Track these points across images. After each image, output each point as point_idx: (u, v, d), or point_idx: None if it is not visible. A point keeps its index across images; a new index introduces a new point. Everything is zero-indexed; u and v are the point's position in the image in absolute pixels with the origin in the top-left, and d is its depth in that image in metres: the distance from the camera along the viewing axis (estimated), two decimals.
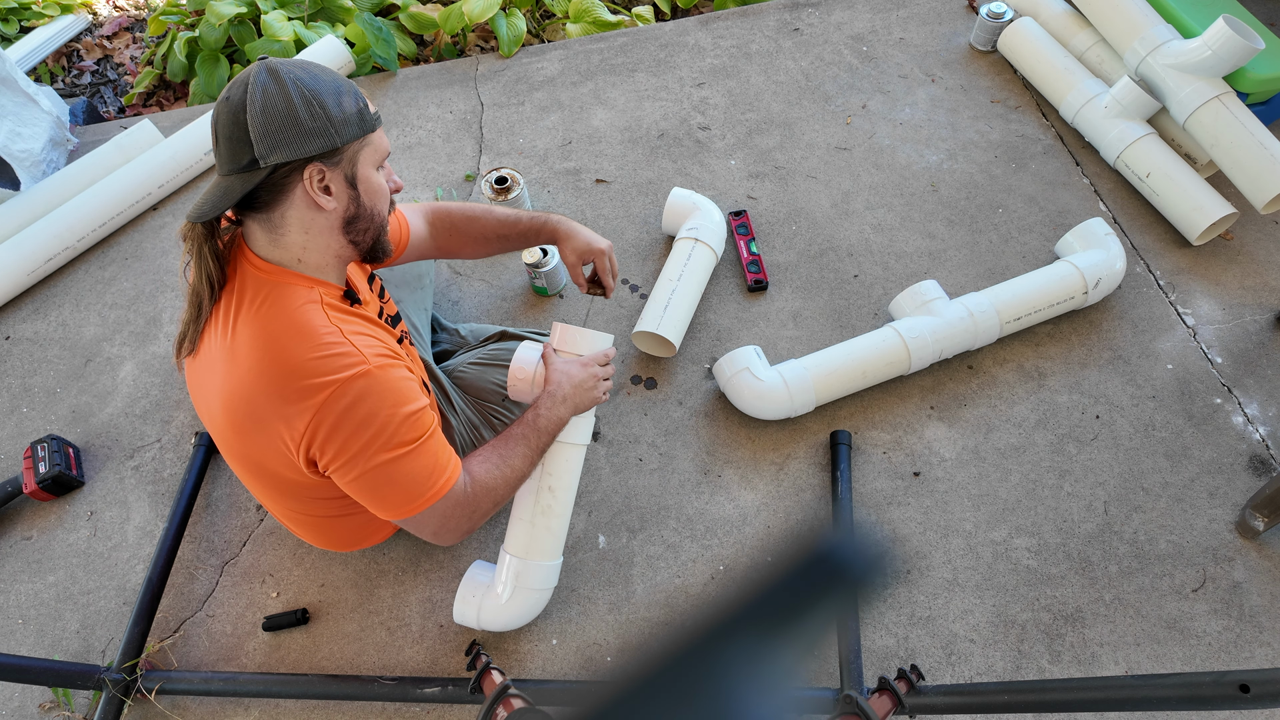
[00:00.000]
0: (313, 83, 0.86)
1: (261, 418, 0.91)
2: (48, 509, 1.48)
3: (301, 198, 0.89)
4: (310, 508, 1.11)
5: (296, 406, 0.88)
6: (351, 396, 0.88)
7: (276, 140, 0.84)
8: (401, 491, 0.95)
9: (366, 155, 0.92)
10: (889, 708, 1.00)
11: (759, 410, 1.41)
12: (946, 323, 1.44)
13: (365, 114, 0.90)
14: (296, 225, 0.91)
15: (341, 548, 1.26)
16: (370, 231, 0.97)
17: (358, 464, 0.92)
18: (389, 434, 0.91)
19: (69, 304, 1.77)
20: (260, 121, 0.83)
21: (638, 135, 1.94)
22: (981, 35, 2.00)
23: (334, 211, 0.92)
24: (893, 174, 1.81)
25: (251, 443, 0.94)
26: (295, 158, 0.85)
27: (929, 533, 1.33)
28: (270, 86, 0.84)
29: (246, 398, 0.91)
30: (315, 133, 0.85)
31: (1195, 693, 0.73)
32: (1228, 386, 1.46)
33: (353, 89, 0.90)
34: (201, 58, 2.21)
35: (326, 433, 0.89)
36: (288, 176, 0.87)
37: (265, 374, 0.89)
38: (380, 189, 0.96)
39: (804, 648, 0.23)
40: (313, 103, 0.85)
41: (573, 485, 1.21)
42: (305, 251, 0.93)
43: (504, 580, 1.20)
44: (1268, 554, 1.28)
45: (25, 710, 1.28)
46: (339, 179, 0.90)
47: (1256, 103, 1.67)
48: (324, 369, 0.87)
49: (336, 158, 0.89)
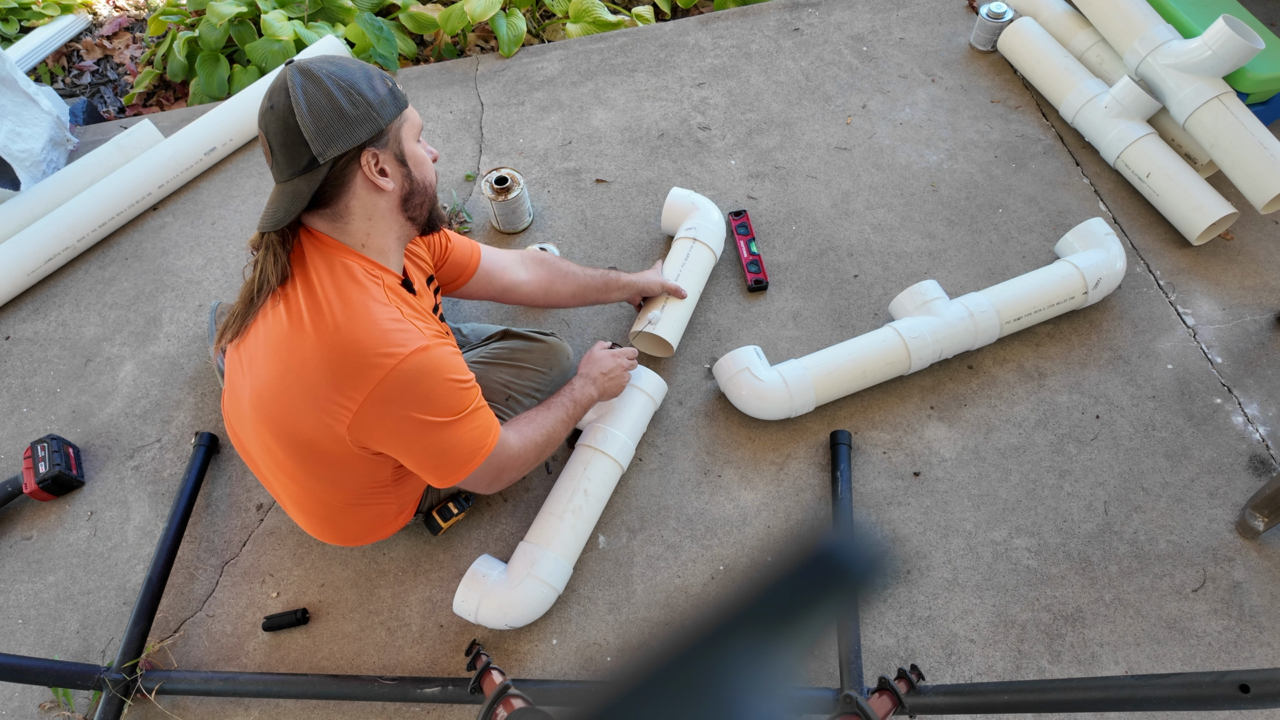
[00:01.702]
0: (344, 74, 0.91)
1: (316, 387, 0.95)
2: (48, 509, 1.48)
3: (362, 185, 0.95)
4: (336, 493, 1.12)
5: (358, 380, 0.93)
6: (412, 371, 0.94)
7: (330, 135, 0.90)
8: (457, 457, 1.03)
9: (408, 131, 0.98)
10: (889, 708, 1.00)
11: (759, 410, 1.41)
12: (946, 323, 1.44)
13: (396, 91, 0.96)
14: (360, 213, 0.97)
15: (347, 541, 1.25)
16: (425, 204, 1.03)
17: (420, 434, 0.98)
18: (447, 404, 0.98)
19: (69, 304, 1.77)
20: (310, 121, 0.89)
21: (638, 135, 1.94)
22: (981, 35, 2.00)
23: (393, 191, 0.98)
24: (893, 174, 1.81)
25: (300, 413, 0.98)
26: (350, 147, 0.91)
27: (929, 533, 1.33)
28: (309, 87, 0.89)
29: (305, 367, 0.95)
30: (361, 119, 0.91)
31: (1195, 693, 0.73)
32: (1228, 386, 1.46)
33: (378, 70, 0.95)
34: (201, 58, 2.21)
35: (384, 406, 0.94)
36: (346, 168, 0.93)
37: (328, 346, 0.93)
38: (425, 159, 1.02)
39: (804, 648, 0.23)
40: (351, 92, 0.90)
41: (603, 498, 1.34)
42: (369, 236, 0.99)
43: (518, 566, 1.24)
44: (1268, 554, 1.28)
45: (25, 710, 1.28)
46: (391, 159, 0.96)
47: (1256, 103, 1.67)
48: (385, 344, 0.93)
49: (384, 139, 0.95)
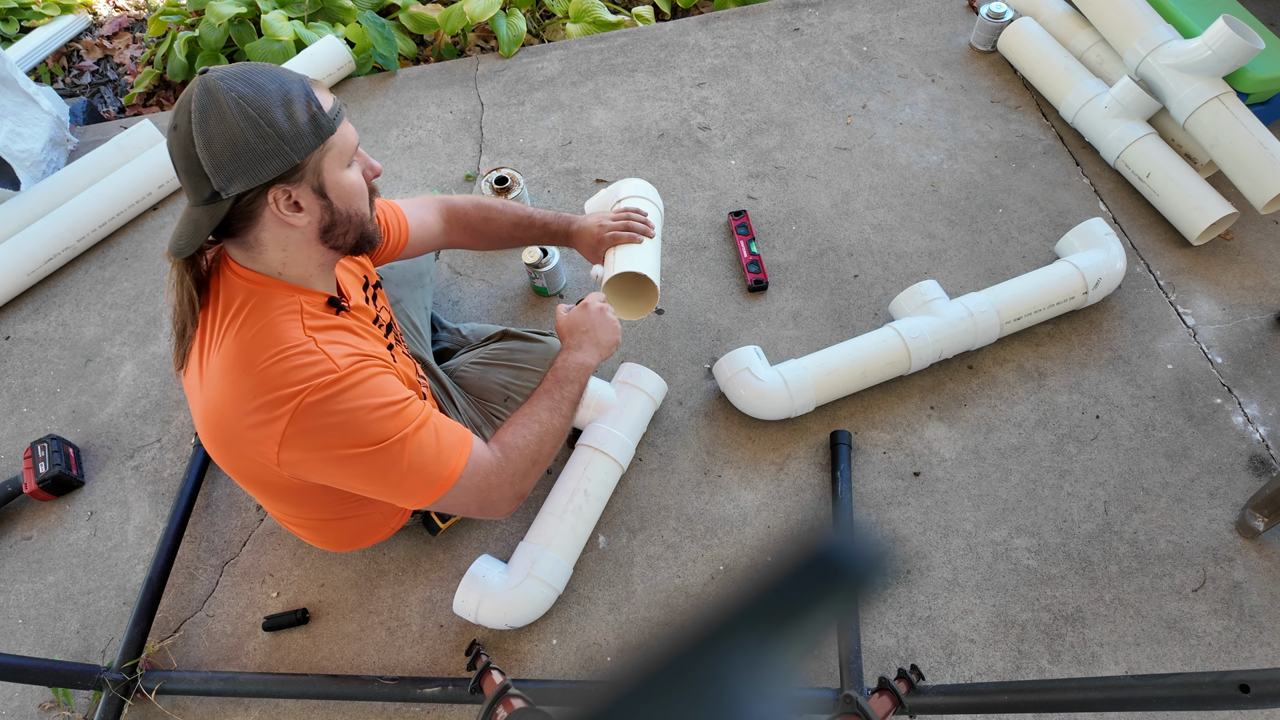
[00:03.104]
0: (257, 96, 0.79)
1: (235, 433, 0.88)
2: (48, 509, 1.48)
3: (272, 219, 0.85)
4: (308, 512, 1.11)
5: (266, 418, 0.85)
6: (322, 403, 0.85)
7: (232, 171, 0.79)
8: (415, 480, 0.92)
9: (332, 160, 0.86)
10: (889, 708, 1.00)
11: (759, 410, 1.41)
12: (946, 323, 1.44)
13: (320, 117, 0.83)
14: (272, 244, 0.88)
15: (342, 548, 1.26)
16: (351, 232, 0.92)
17: (353, 467, 0.89)
18: (369, 431, 0.88)
19: (69, 304, 1.77)
20: (208, 156, 0.78)
21: (638, 135, 1.94)
22: (981, 35, 2.00)
23: (308, 225, 0.88)
24: (893, 174, 1.81)
25: (234, 456, 0.92)
26: (255, 184, 0.81)
27: (929, 533, 1.33)
28: (212, 112, 0.78)
29: (220, 413, 0.88)
30: (270, 154, 0.80)
31: (1195, 693, 0.73)
32: (1228, 386, 1.46)
33: (302, 90, 0.82)
34: (202, 58, 2.21)
35: (303, 445, 0.87)
36: (253, 203, 0.83)
37: (234, 388, 0.86)
38: (354, 188, 0.90)
39: (804, 648, 0.23)
40: (259, 121, 0.78)
41: (603, 498, 1.32)
42: (285, 266, 0.90)
43: (518, 566, 1.23)
44: (1268, 554, 1.28)
45: (25, 710, 1.28)
46: (306, 193, 0.85)
47: (1256, 103, 1.67)
48: (290, 380, 0.85)
49: (299, 174, 0.83)
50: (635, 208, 1.31)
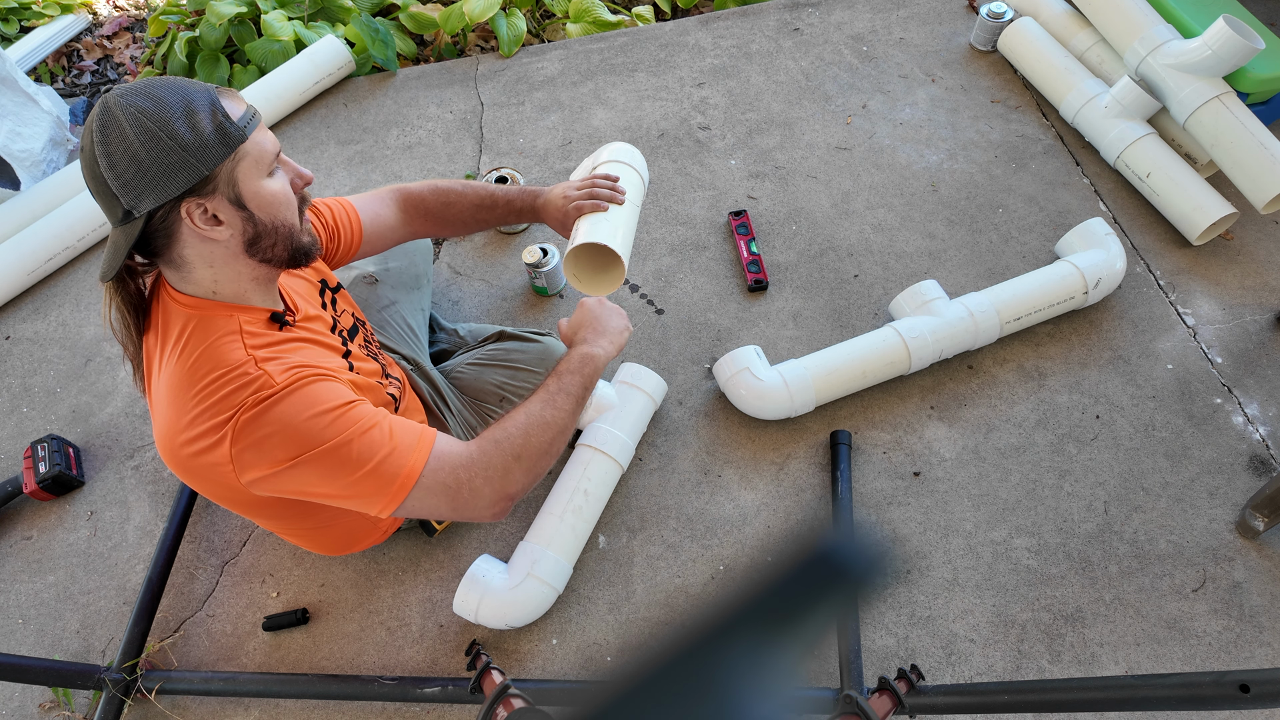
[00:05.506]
0: (157, 109, 0.77)
1: (185, 459, 0.87)
2: (48, 509, 1.48)
3: (190, 234, 0.82)
4: (289, 524, 1.10)
5: (210, 443, 0.84)
6: (257, 417, 0.83)
7: (139, 188, 0.77)
8: (371, 482, 0.88)
9: (246, 169, 0.83)
10: (889, 708, 1.00)
11: (759, 410, 1.41)
12: (946, 322, 1.44)
13: (227, 126, 0.80)
14: (198, 261, 0.85)
15: (337, 552, 1.25)
16: (280, 244, 0.89)
17: (303, 472, 0.86)
18: (311, 437, 0.85)
19: (69, 304, 1.77)
20: (112, 174, 0.77)
21: (638, 135, 1.94)
22: (981, 35, 2.00)
23: (231, 239, 0.85)
24: (893, 174, 1.81)
25: (197, 480, 0.90)
26: (165, 199, 0.78)
27: (929, 533, 1.33)
28: (112, 130, 0.76)
29: (170, 440, 0.87)
30: (175, 168, 0.77)
31: (1195, 693, 0.73)
32: (1228, 386, 1.46)
33: (208, 99, 0.80)
34: (202, 58, 2.21)
35: (253, 460, 0.85)
36: (167, 219, 0.80)
37: (178, 415, 0.85)
38: (277, 197, 0.87)
39: (804, 648, 0.23)
40: (160, 135, 0.76)
41: (603, 498, 1.33)
42: (216, 284, 0.87)
43: (518, 566, 1.24)
44: (1268, 554, 1.28)
45: (25, 710, 1.28)
46: (223, 205, 0.82)
47: (1256, 103, 1.67)
48: (228, 404, 0.83)
49: (210, 185, 0.80)
50: (606, 174, 1.20)
